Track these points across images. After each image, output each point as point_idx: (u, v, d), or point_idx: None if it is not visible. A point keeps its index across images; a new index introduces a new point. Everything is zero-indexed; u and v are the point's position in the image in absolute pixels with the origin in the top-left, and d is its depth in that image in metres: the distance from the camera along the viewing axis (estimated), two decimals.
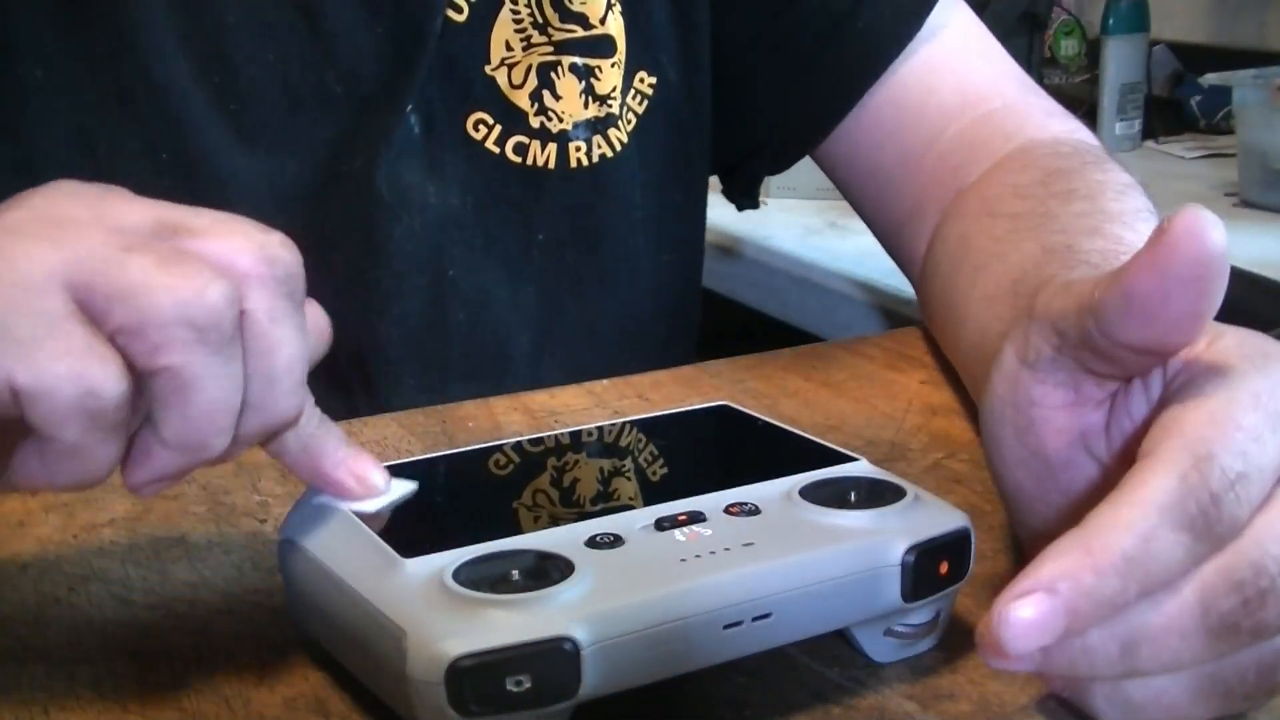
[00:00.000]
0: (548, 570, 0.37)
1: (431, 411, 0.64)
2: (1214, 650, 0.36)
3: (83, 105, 0.64)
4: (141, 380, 0.37)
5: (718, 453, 0.51)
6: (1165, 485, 0.35)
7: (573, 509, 0.43)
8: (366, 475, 0.42)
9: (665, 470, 0.48)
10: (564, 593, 0.36)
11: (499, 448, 0.48)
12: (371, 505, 0.42)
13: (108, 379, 0.36)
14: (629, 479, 0.46)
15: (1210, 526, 0.35)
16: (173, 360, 0.36)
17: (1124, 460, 0.40)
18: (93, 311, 0.36)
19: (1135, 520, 0.34)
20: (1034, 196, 0.63)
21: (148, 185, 0.40)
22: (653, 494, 0.43)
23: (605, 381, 0.68)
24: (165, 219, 0.38)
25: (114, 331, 0.36)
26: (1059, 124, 0.73)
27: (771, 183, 1.25)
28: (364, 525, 0.40)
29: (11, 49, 0.62)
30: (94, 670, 0.43)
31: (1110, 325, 0.37)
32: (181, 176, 0.64)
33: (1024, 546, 0.45)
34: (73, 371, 0.35)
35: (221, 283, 0.36)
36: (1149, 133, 1.58)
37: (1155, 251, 0.36)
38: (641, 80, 0.74)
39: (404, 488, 0.43)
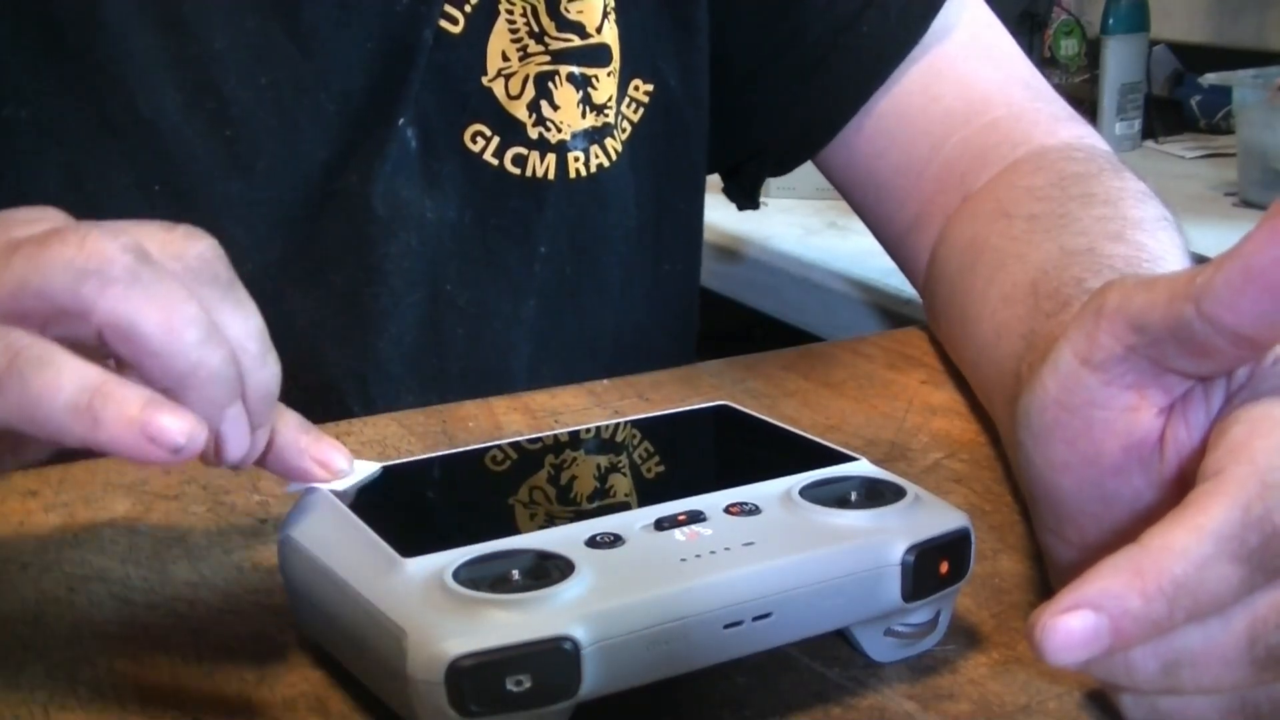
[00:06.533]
0: (548, 570, 0.37)
1: (431, 411, 0.64)
2: (1256, 679, 0.35)
3: (70, 142, 0.62)
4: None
5: (718, 453, 0.51)
6: (1227, 514, 0.34)
7: (573, 509, 0.43)
8: (329, 460, 0.43)
9: (665, 470, 0.48)
10: (564, 593, 0.36)
11: (499, 447, 0.48)
12: (338, 485, 0.43)
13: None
14: (629, 479, 0.46)
15: (1269, 560, 0.34)
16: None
17: (1175, 473, 0.39)
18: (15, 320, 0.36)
19: (1190, 547, 0.33)
20: (1052, 199, 0.62)
21: (141, 218, 0.39)
22: (653, 494, 0.43)
23: (605, 381, 0.68)
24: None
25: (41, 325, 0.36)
26: (1068, 130, 0.72)
27: (771, 183, 1.25)
28: (364, 525, 0.40)
29: None
30: (94, 670, 0.43)
31: (1219, 305, 0.35)
32: (175, 207, 0.62)
33: (1048, 553, 0.44)
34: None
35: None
36: (1149, 133, 1.58)
37: (1278, 219, 0.34)
38: (636, 88, 0.73)
39: (368, 468, 0.44)
